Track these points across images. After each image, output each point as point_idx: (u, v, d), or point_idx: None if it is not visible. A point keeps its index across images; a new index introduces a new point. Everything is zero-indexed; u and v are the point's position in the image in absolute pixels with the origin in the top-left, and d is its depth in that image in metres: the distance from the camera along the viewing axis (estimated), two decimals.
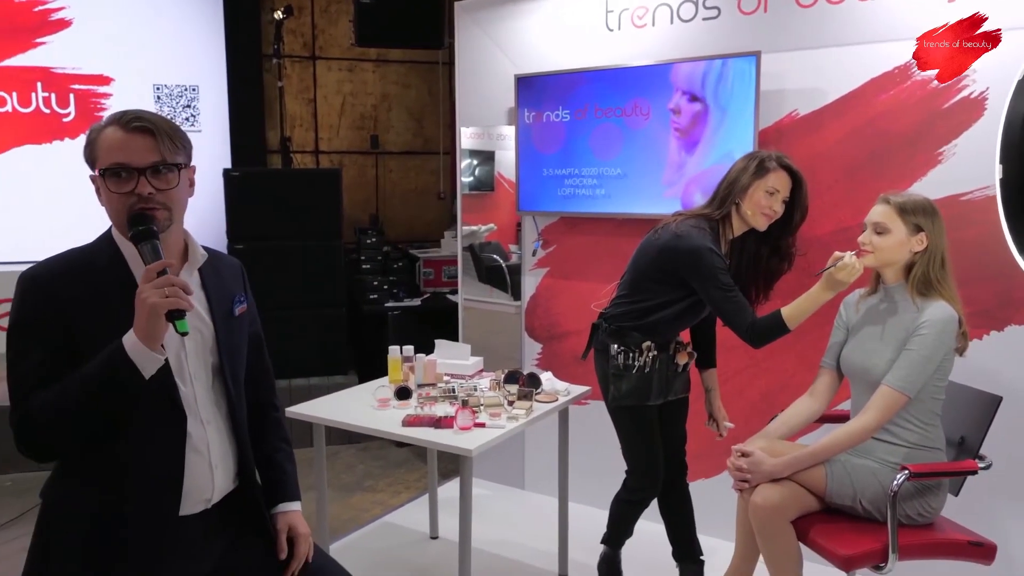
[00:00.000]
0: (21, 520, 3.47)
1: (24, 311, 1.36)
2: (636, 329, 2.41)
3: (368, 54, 6.24)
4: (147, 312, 1.29)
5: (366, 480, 4.00)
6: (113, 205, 1.42)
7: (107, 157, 1.39)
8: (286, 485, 1.69)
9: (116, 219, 1.44)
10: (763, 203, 2.26)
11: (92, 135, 1.42)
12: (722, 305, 2.24)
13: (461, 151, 3.68)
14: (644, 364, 2.41)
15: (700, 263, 2.24)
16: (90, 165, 1.43)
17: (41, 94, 5.46)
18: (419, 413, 2.45)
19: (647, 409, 2.45)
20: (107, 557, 1.39)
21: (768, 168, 2.26)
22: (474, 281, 3.75)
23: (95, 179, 1.43)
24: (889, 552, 1.94)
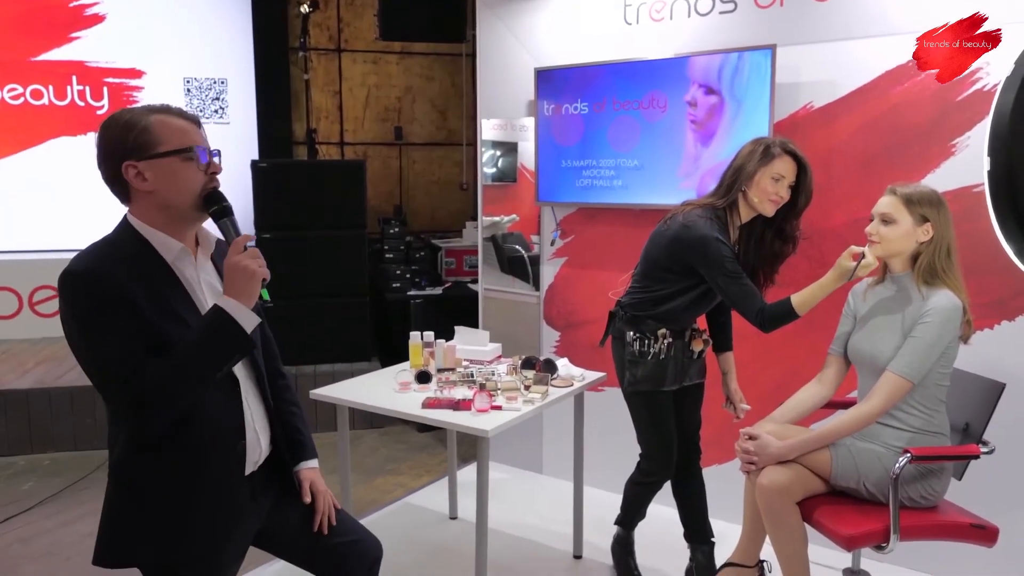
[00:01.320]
0: (58, 497, 3.63)
1: (91, 302, 1.39)
2: (651, 317, 2.48)
3: (392, 47, 6.33)
4: (248, 277, 1.44)
5: (388, 463, 4.11)
6: (187, 185, 1.48)
7: (179, 140, 1.47)
8: (304, 445, 1.80)
9: (184, 198, 1.49)
10: (769, 189, 2.31)
11: (139, 122, 1.45)
12: (731, 292, 2.30)
13: (482, 142, 3.76)
14: (659, 351, 2.48)
15: (707, 251, 2.30)
16: (138, 151, 1.44)
17: (76, 87, 5.63)
18: (439, 396, 2.54)
19: (662, 395, 2.52)
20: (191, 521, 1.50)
21: (774, 154, 2.30)
22: (494, 270, 3.83)
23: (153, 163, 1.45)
24: (891, 533, 2.00)
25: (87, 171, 6.40)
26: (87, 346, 1.41)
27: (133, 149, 1.44)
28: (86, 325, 1.39)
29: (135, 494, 1.49)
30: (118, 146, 1.45)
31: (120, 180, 1.47)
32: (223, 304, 1.44)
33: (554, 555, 2.99)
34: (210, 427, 1.51)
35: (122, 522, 1.50)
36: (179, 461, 1.49)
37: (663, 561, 2.83)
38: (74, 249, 1.51)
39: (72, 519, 3.39)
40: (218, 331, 1.44)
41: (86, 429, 4.26)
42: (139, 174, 1.45)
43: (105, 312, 1.38)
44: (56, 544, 3.16)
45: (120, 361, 1.38)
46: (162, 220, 1.50)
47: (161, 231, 1.50)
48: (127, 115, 1.47)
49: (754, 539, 2.30)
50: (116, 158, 1.45)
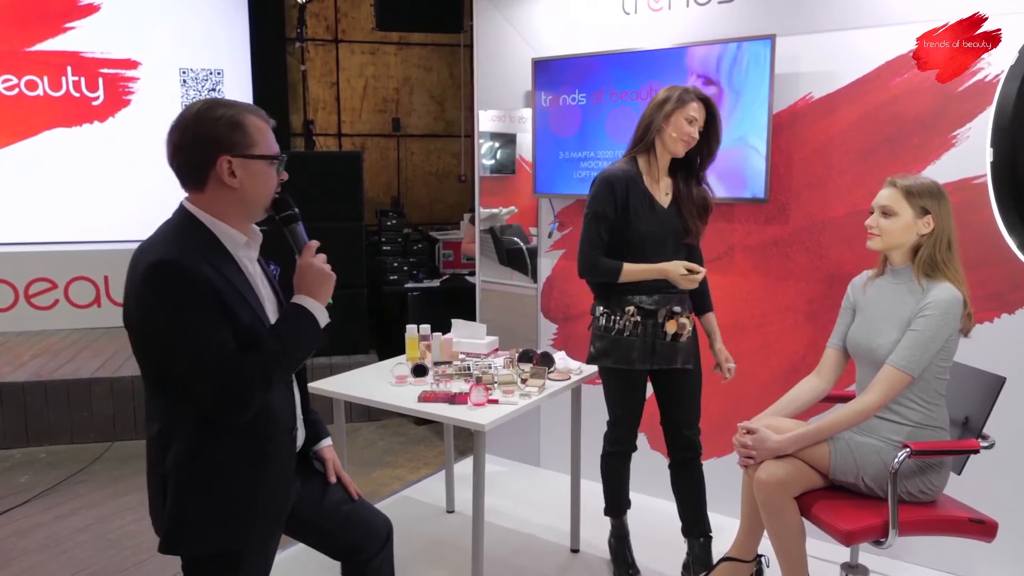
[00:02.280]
0: (54, 490, 3.62)
1: (185, 292, 1.42)
2: (616, 290, 2.51)
3: (390, 37, 6.29)
4: (324, 279, 1.60)
5: (386, 456, 4.11)
6: (267, 188, 1.57)
7: (267, 145, 1.55)
8: (320, 424, 1.89)
9: (262, 200, 1.57)
10: (685, 129, 2.42)
11: (240, 120, 1.51)
12: (584, 229, 2.49)
13: (480, 134, 3.73)
14: (624, 327, 2.50)
15: (592, 189, 2.51)
16: (236, 148, 1.50)
17: (71, 78, 5.59)
18: (435, 390, 2.53)
19: (627, 372, 2.54)
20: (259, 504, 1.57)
21: (687, 99, 2.42)
22: (492, 263, 3.81)
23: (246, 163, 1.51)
24: (889, 527, 1.99)
25: (83, 162, 6.42)
26: (183, 335, 1.42)
27: (232, 145, 1.50)
28: (182, 315, 1.42)
29: (206, 481, 1.52)
30: (217, 139, 1.49)
31: (203, 169, 1.51)
32: (302, 302, 1.56)
33: (551, 549, 2.98)
34: (274, 414, 1.59)
35: (193, 510, 1.52)
36: (251, 446, 1.54)
37: (660, 555, 2.83)
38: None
39: (68, 512, 3.38)
40: (302, 327, 1.55)
41: (83, 422, 4.26)
42: (231, 170, 1.50)
43: (199, 301, 1.43)
44: (52, 537, 3.15)
45: (218, 350, 1.43)
46: (232, 214, 1.55)
47: (227, 223, 1.55)
48: (226, 110, 1.51)
49: (752, 533, 2.29)
50: (212, 149, 1.49)
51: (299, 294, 1.58)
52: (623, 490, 2.74)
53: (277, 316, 1.63)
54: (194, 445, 1.50)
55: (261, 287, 1.62)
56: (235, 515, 1.54)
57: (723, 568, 2.35)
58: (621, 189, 2.46)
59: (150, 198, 5.76)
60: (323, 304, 1.59)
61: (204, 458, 1.51)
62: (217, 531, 1.53)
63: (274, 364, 1.49)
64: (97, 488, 3.66)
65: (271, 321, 1.59)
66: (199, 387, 1.44)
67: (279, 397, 1.60)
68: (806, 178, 2.88)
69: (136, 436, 4.27)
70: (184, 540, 1.53)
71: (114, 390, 4.30)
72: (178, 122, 1.52)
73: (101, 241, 5.56)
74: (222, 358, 1.43)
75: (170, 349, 1.44)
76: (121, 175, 5.64)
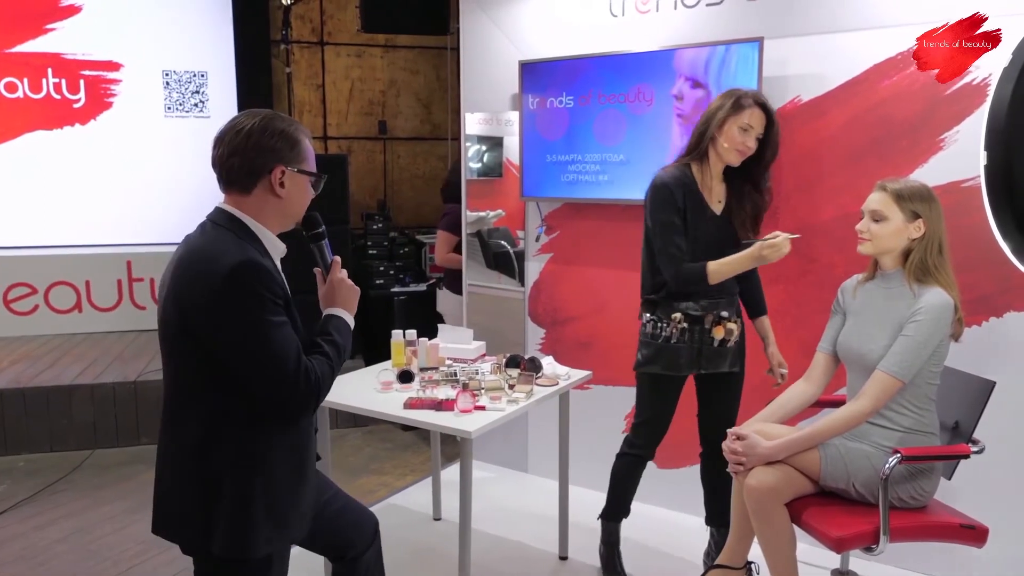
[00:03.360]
0: (33, 500, 3.55)
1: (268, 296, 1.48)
2: (663, 298, 2.48)
3: (376, 40, 6.25)
4: (353, 292, 1.74)
5: (372, 463, 4.06)
6: (305, 203, 1.66)
7: (311, 164, 1.65)
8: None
9: (299, 214, 1.66)
10: (737, 139, 2.35)
11: (298, 136, 1.60)
12: (656, 237, 2.41)
13: (466, 137, 3.70)
14: (671, 335, 2.48)
15: (651, 197, 2.43)
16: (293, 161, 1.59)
17: (52, 80, 5.51)
18: (421, 396, 2.49)
19: (670, 379, 2.52)
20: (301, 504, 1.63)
21: (744, 105, 2.35)
22: (479, 267, 3.78)
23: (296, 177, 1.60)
24: (880, 534, 1.97)
25: (64, 166, 6.33)
26: (268, 335, 1.47)
27: (291, 158, 1.59)
28: (268, 315, 1.47)
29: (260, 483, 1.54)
30: (278, 149, 1.57)
31: (257, 175, 1.57)
32: (340, 314, 1.69)
33: (539, 556, 2.95)
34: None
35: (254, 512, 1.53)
36: (295, 447, 1.61)
37: (650, 564, 2.80)
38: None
39: (47, 522, 3.31)
40: (345, 335, 1.67)
41: (62, 429, 4.18)
42: (282, 181, 1.58)
43: (279, 304, 1.50)
44: (30, 548, 3.08)
45: (295, 351, 1.50)
46: (273, 221, 1.62)
47: (270, 230, 1.62)
48: (287, 125, 1.59)
49: (742, 540, 2.27)
50: (272, 157, 1.56)
51: (332, 306, 1.70)
52: (628, 496, 2.71)
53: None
54: (251, 449, 1.54)
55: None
56: (288, 515, 1.59)
57: (714, 575, 2.33)
58: (680, 195, 2.40)
59: (133, 202, 5.72)
60: (352, 314, 1.72)
61: (261, 461, 1.54)
62: (272, 533, 1.56)
63: (336, 367, 1.60)
64: (77, 497, 3.59)
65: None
66: (275, 388, 1.49)
67: None
68: (795, 181, 2.87)
69: (118, 444, 4.20)
70: (243, 544, 1.53)
71: (95, 397, 4.22)
72: (239, 126, 1.57)
73: (82, 245, 5.47)
74: (299, 361, 1.49)
75: (250, 351, 1.47)
76: (103, 178, 5.55)
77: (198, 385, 1.53)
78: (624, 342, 3.30)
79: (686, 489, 2.96)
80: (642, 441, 2.62)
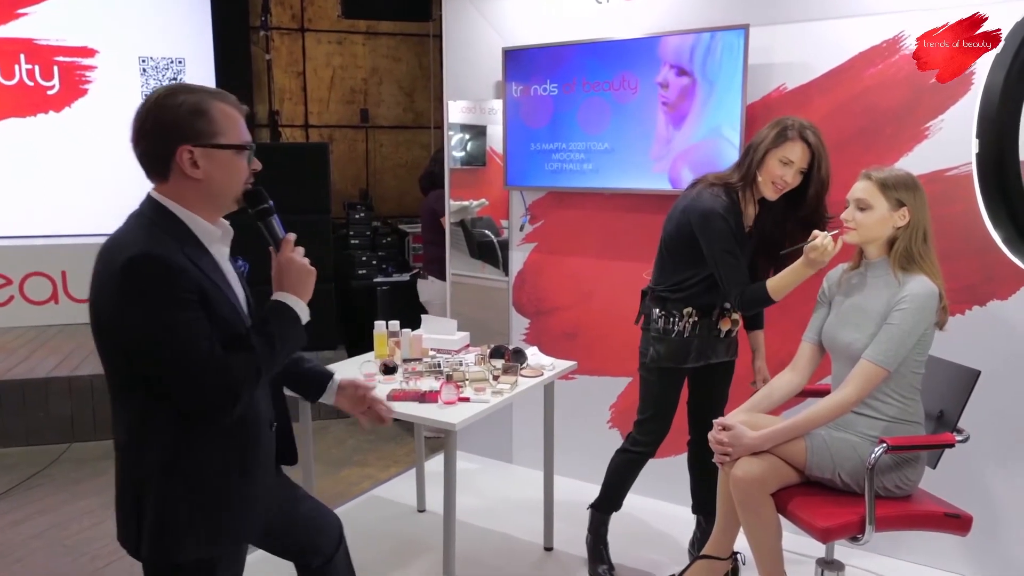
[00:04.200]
0: (8, 495, 3.49)
1: (169, 289, 1.35)
2: (676, 296, 2.47)
3: (358, 26, 6.17)
4: (306, 273, 1.55)
5: (355, 454, 4.03)
6: (237, 179, 1.48)
7: (236, 133, 1.46)
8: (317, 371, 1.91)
9: (231, 192, 1.48)
10: (776, 172, 2.27)
11: (203, 107, 1.42)
12: (720, 266, 2.33)
13: (450, 125, 3.65)
14: (683, 329, 2.48)
15: (708, 224, 2.33)
16: (199, 138, 1.41)
17: (24, 66, 5.39)
18: (404, 388, 2.46)
19: (680, 372, 2.52)
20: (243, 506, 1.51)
21: (787, 137, 2.25)
22: (463, 256, 3.74)
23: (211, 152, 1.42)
24: (866, 524, 1.97)
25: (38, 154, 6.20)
26: (168, 334, 1.35)
27: (195, 135, 1.41)
28: (166, 312, 1.35)
29: (190, 486, 1.45)
30: (178, 127, 1.40)
31: (165, 159, 1.42)
32: (285, 300, 1.51)
33: (524, 547, 2.93)
34: (254, 410, 1.53)
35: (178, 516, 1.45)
36: (232, 446, 1.49)
37: (637, 554, 2.79)
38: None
39: (23, 518, 3.25)
40: (287, 324, 1.50)
41: (38, 423, 4.11)
42: (193, 161, 1.42)
43: (184, 297, 1.36)
44: (5, 544, 3.02)
45: (205, 348, 1.36)
46: (201, 206, 1.47)
47: (200, 216, 1.47)
48: (188, 96, 1.42)
49: (728, 531, 2.26)
50: (172, 139, 1.40)
51: (280, 291, 1.52)
52: (623, 492, 2.69)
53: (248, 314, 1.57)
54: (174, 449, 1.44)
55: (233, 283, 1.55)
56: (221, 519, 1.49)
57: (699, 566, 2.32)
58: (732, 223, 2.34)
59: (109, 190, 5.59)
60: (305, 301, 1.54)
61: (186, 462, 1.44)
62: (203, 537, 1.47)
63: (263, 363, 1.44)
64: (54, 492, 3.54)
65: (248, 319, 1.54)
66: (185, 387, 1.38)
67: (260, 393, 1.55)
68: None
69: (96, 437, 4.13)
70: (168, 547, 1.45)
71: (72, 389, 4.15)
72: (140, 108, 1.43)
73: (58, 235, 5.37)
74: (209, 357, 1.37)
75: (153, 348, 1.36)
76: (79, 167, 5.45)
77: (125, 384, 1.44)
78: (609, 332, 3.28)
79: (672, 478, 2.96)
80: (648, 438, 2.59)
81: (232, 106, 1.47)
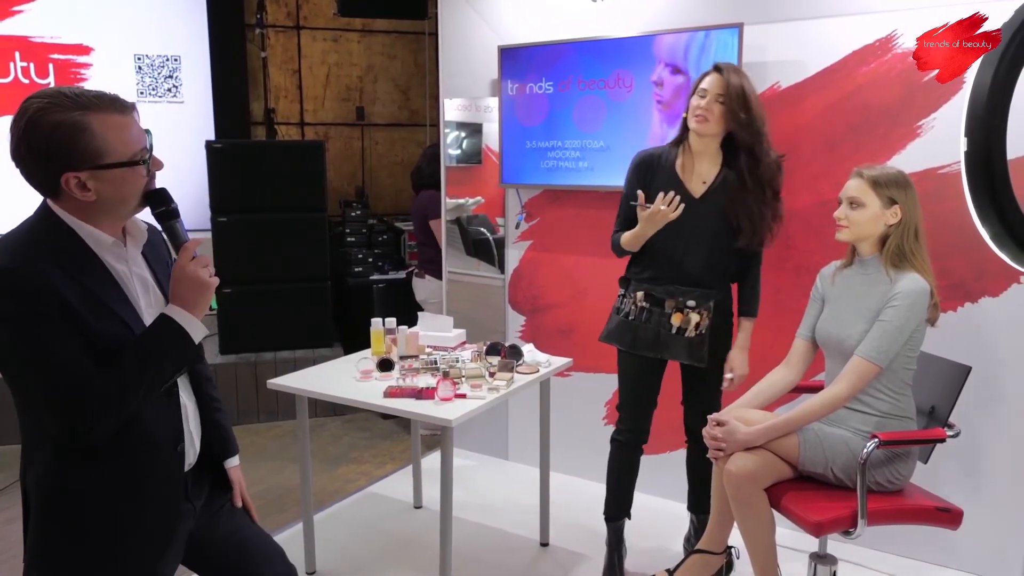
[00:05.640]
0: (5, 492, 3.49)
1: (21, 306, 1.25)
2: (633, 275, 2.52)
3: (353, 24, 6.16)
4: (200, 288, 1.38)
5: (351, 452, 4.04)
6: (133, 189, 1.36)
7: (124, 146, 1.32)
8: (228, 441, 1.70)
9: (129, 202, 1.37)
10: (692, 103, 2.36)
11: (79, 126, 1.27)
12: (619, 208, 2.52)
13: (445, 123, 3.66)
14: (630, 311, 2.50)
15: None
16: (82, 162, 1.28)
17: (19, 64, 5.37)
18: (401, 385, 2.47)
19: (633, 357, 2.52)
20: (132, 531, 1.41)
21: (702, 73, 2.39)
22: (459, 254, 3.76)
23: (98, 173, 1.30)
24: (858, 518, 1.99)
25: None
26: (20, 355, 1.28)
27: (78, 160, 1.29)
28: (17, 332, 1.26)
29: (71, 508, 1.37)
30: (55, 154, 1.28)
31: (51, 185, 1.32)
32: (172, 314, 1.37)
33: (521, 543, 2.95)
34: (148, 431, 1.42)
35: (59, 538, 1.38)
36: (117, 470, 1.39)
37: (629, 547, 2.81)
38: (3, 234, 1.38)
39: (16, 516, 3.23)
40: (168, 342, 1.37)
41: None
42: (82, 184, 1.30)
43: (38, 317, 1.26)
44: (2, 542, 3.03)
45: (62, 372, 1.27)
46: (95, 215, 1.36)
47: (90, 224, 1.37)
48: (62, 116, 1.27)
49: (722, 526, 2.28)
50: (53, 168, 1.29)
51: (171, 304, 1.38)
52: (620, 490, 2.63)
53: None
54: (52, 469, 1.36)
55: (137, 291, 1.43)
56: (102, 547, 1.38)
57: (694, 560, 2.34)
58: (644, 168, 2.44)
59: None
60: (199, 316, 1.39)
61: (63, 483, 1.36)
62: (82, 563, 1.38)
63: (131, 384, 1.31)
64: None
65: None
66: (41, 407, 1.30)
67: (154, 412, 1.42)
68: None
69: None
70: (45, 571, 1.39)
71: None
72: (12, 127, 1.29)
73: None
74: (66, 376, 1.26)
75: (8, 365, 1.29)
76: None
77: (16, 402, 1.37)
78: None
79: (666, 475, 2.98)
80: (622, 425, 2.60)
81: (115, 111, 1.32)
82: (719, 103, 2.31)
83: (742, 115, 2.30)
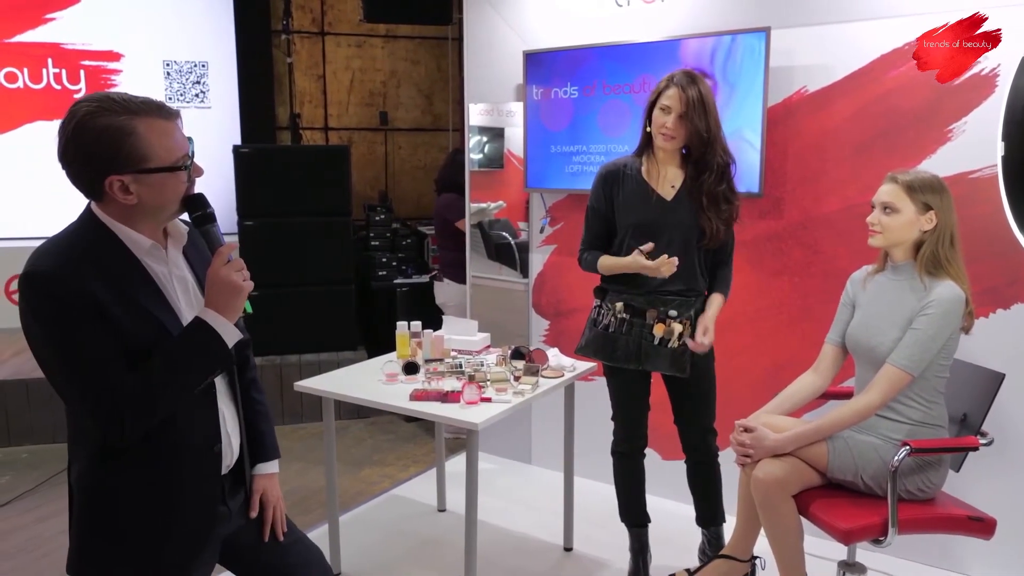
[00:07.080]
0: (37, 491, 3.55)
1: (59, 309, 1.29)
2: (610, 287, 2.49)
3: (377, 30, 6.21)
4: (234, 291, 1.39)
5: (375, 454, 4.05)
6: (175, 194, 1.39)
7: (168, 152, 1.35)
8: (263, 445, 1.69)
9: (170, 207, 1.40)
10: (658, 121, 2.33)
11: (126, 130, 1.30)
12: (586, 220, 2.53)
13: (470, 128, 3.68)
14: (609, 324, 2.47)
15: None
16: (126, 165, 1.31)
17: (52, 70, 5.47)
18: (426, 388, 2.48)
19: (617, 370, 2.50)
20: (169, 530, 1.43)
21: (661, 88, 2.33)
22: (482, 258, 3.77)
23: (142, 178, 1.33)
24: (889, 526, 1.96)
25: None
26: (57, 356, 1.31)
27: (121, 163, 1.31)
28: (55, 333, 1.30)
29: (108, 507, 1.40)
30: (101, 157, 1.31)
31: (94, 187, 1.35)
32: (206, 317, 1.38)
33: (544, 547, 2.95)
34: (185, 433, 1.44)
35: (97, 537, 1.42)
36: (153, 470, 1.41)
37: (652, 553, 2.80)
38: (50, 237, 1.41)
39: (50, 514, 3.30)
40: (201, 345, 1.38)
41: (65, 420, 4.16)
42: (124, 187, 1.33)
43: (75, 319, 1.29)
44: (33, 540, 3.08)
45: (95, 373, 1.30)
46: (136, 219, 1.39)
47: (131, 227, 1.40)
48: (110, 119, 1.30)
49: (748, 533, 2.27)
50: (99, 169, 1.32)
51: (206, 307, 1.39)
52: (631, 497, 2.64)
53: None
54: (91, 467, 1.40)
55: (177, 293, 1.45)
56: (137, 546, 1.41)
57: (718, 565, 2.33)
58: (611, 180, 2.45)
59: None
60: (232, 320, 1.40)
61: (100, 482, 1.40)
62: (119, 561, 1.41)
63: (162, 386, 1.33)
64: None
65: None
66: (77, 406, 1.34)
67: (191, 413, 1.44)
68: (801, 172, 2.85)
69: None
70: (84, 568, 1.43)
71: None
72: (61, 130, 1.32)
73: None
74: (99, 377, 1.29)
75: (49, 366, 1.34)
76: None
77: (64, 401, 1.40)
78: None
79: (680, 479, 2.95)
80: (616, 436, 2.61)
81: (161, 117, 1.35)
82: (681, 119, 2.31)
83: (701, 124, 2.30)
